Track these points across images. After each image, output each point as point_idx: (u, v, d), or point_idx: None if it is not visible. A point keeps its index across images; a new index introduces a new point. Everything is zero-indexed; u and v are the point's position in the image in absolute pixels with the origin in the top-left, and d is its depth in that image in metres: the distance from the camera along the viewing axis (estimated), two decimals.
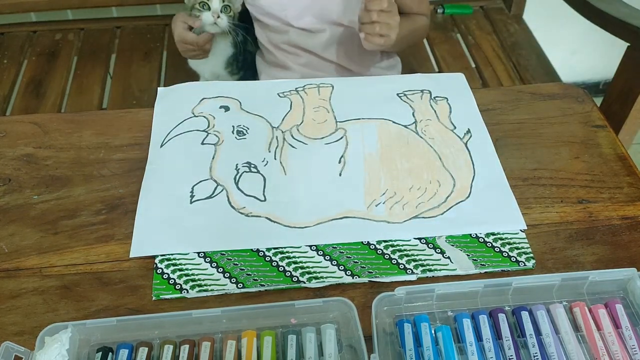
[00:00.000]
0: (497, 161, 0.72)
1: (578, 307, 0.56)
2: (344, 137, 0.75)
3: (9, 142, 0.76)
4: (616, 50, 1.14)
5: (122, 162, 0.73)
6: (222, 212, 0.67)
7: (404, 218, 0.66)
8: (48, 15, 1.46)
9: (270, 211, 0.67)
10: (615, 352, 0.53)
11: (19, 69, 1.33)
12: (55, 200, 0.69)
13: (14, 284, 0.61)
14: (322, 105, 0.79)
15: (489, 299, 0.57)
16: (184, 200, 0.68)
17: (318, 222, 0.66)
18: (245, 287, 0.60)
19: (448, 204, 0.67)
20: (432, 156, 0.73)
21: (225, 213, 0.66)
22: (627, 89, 1.10)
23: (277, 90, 0.82)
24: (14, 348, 0.51)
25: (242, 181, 0.70)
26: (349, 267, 0.62)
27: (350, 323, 0.54)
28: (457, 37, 1.43)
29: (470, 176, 0.71)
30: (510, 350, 0.53)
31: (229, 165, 0.71)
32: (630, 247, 0.64)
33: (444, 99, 0.81)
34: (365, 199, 0.68)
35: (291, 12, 0.97)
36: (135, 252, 0.63)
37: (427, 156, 0.73)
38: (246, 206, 0.67)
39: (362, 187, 0.69)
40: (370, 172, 0.71)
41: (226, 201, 0.68)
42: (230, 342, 0.54)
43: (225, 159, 0.72)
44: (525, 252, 0.63)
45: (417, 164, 0.72)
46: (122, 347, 0.53)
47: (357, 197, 0.68)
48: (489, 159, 0.73)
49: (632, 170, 0.72)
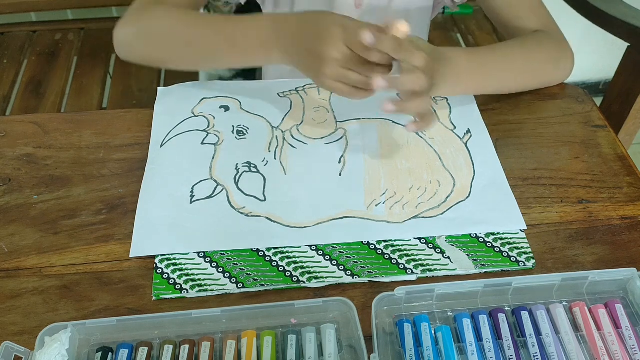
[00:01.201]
0: (497, 161, 0.72)
1: (578, 307, 0.56)
2: (344, 137, 0.75)
3: (9, 142, 0.76)
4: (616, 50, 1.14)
5: (122, 162, 0.73)
6: (222, 212, 0.67)
7: (404, 218, 0.66)
8: (48, 15, 1.46)
9: (270, 211, 0.67)
10: (615, 352, 0.53)
11: (19, 69, 1.33)
12: (55, 200, 0.69)
13: (14, 284, 0.61)
14: (322, 105, 0.79)
15: (489, 299, 0.57)
16: (184, 200, 0.68)
17: (318, 222, 0.66)
18: (245, 287, 0.60)
19: (448, 204, 0.67)
20: (432, 156, 0.73)
21: (225, 213, 0.66)
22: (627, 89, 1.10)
23: (277, 90, 0.82)
24: (14, 348, 0.51)
25: (242, 181, 0.70)
26: (349, 267, 0.62)
27: (350, 323, 0.54)
28: (457, 37, 1.43)
29: (470, 176, 0.71)
30: (510, 350, 0.53)
31: (229, 165, 0.71)
32: (630, 247, 0.64)
33: (444, 99, 0.81)
34: (365, 198, 0.68)
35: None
36: (135, 252, 0.63)
37: (427, 156, 0.73)
38: (246, 206, 0.67)
39: (362, 187, 0.69)
40: (370, 172, 0.71)
41: (226, 201, 0.68)
42: (230, 342, 0.54)
43: (225, 158, 0.72)
44: (525, 252, 0.63)
45: (417, 163, 0.72)
46: (122, 347, 0.53)
47: (357, 197, 0.68)
48: (489, 159, 0.73)
49: (632, 170, 0.72)
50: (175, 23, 0.74)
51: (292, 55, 0.69)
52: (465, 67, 0.73)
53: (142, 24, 0.76)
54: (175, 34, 0.74)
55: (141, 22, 0.77)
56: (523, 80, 0.80)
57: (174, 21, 0.74)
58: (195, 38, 0.73)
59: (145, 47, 0.77)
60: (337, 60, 0.63)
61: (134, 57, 0.78)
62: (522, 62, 0.78)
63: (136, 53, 0.78)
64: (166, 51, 0.76)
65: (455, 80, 0.72)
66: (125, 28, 0.77)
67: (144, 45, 0.77)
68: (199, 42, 0.74)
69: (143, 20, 0.77)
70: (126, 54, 0.79)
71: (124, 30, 0.77)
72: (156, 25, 0.76)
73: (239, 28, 0.71)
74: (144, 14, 0.77)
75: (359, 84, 0.65)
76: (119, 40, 0.78)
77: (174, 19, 0.75)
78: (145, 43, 0.77)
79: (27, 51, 1.38)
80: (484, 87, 0.78)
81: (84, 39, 1.41)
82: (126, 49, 0.79)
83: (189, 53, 0.75)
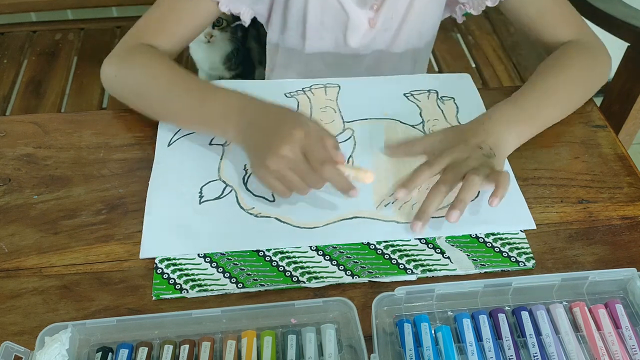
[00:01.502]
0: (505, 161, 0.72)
1: (578, 307, 0.56)
2: (352, 137, 0.75)
3: (8, 142, 0.76)
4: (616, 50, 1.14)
5: (122, 162, 0.73)
6: (231, 212, 0.66)
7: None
8: (48, 15, 1.46)
9: (280, 212, 0.66)
10: (615, 352, 0.53)
11: (19, 69, 1.33)
12: (55, 200, 0.69)
13: (14, 284, 0.61)
14: (329, 106, 0.79)
15: (488, 299, 0.57)
16: (193, 201, 0.68)
17: (327, 222, 0.65)
18: (245, 287, 0.60)
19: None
20: None
21: (234, 213, 0.66)
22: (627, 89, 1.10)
23: (283, 90, 0.82)
24: (13, 348, 0.51)
25: (250, 182, 0.70)
26: (348, 267, 0.62)
27: (350, 323, 0.54)
28: (457, 37, 1.43)
29: None
30: (510, 350, 0.53)
31: (238, 166, 0.71)
32: (630, 247, 0.64)
33: (451, 98, 0.81)
34: (374, 198, 0.68)
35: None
36: (145, 253, 0.63)
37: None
38: (255, 207, 0.67)
39: (370, 187, 0.69)
40: (378, 172, 0.70)
41: (235, 202, 0.68)
42: (230, 342, 0.54)
43: (233, 159, 0.72)
44: (525, 252, 0.63)
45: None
46: (122, 347, 0.53)
47: (366, 197, 0.68)
48: None
49: (632, 170, 0.72)
50: (151, 79, 0.74)
51: (244, 137, 0.67)
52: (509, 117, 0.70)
53: (122, 69, 0.76)
54: (149, 89, 0.74)
55: (122, 66, 0.77)
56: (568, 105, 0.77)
57: (150, 76, 0.74)
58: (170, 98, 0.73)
59: (121, 91, 0.77)
60: (285, 158, 0.62)
61: (115, 95, 0.79)
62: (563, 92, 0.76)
63: (115, 93, 0.78)
64: (137, 101, 0.76)
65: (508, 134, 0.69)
66: (109, 67, 0.77)
67: (120, 89, 0.77)
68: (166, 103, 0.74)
69: (124, 65, 0.77)
70: (108, 90, 0.80)
71: (108, 69, 0.77)
72: (134, 75, 0.76)
73: (208, 98, 0.70)
74: (127, 59, 0.77)
75: (294, 185, 0.64)
76: (103, 76, 0.78)
77: (150, 74, 0.75)
78: (121, 88, 0.77)
79: (27, 51, 1.38)
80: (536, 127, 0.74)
81: (83, 39, 1.41)
82: (107, 86, 0.79)
83: (156, 110, 0.75)
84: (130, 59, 0.77)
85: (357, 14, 0.86)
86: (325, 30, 0.88)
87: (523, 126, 0.72)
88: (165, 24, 0.80)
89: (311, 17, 0.86)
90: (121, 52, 0.78)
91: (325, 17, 0.86)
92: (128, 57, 0.77)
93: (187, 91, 0.72)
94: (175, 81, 0.73)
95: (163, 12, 0.80)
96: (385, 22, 0.88)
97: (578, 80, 0.77)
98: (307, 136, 0.63)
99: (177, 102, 0.72)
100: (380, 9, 0.86)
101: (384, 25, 0.88)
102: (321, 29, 0.88)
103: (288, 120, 0.65)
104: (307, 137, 0.63)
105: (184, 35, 0.82)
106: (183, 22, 0.81)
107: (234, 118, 0.68)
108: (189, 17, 0.81)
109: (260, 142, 0.65)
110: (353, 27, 0.87)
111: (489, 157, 0.66)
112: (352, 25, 0.87)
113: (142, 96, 0.75)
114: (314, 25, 0.87)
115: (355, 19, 0.86)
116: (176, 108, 0.73)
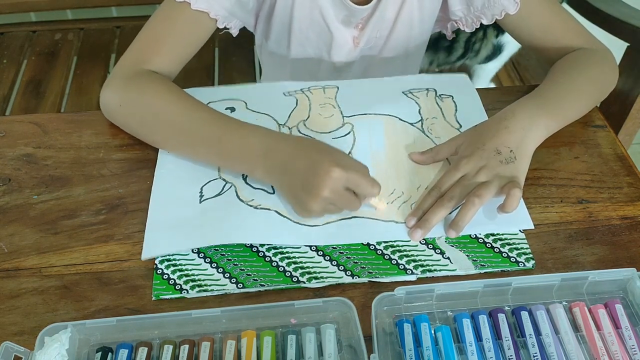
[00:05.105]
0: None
1: (578, 307, 0.56)
2: (351, 133, 0.75)
3: (8, 142, 0.76)
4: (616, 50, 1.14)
5: (122, 162, 0.73)
6: (231, 205, 0.66)
7: None
8: (48, 15, 1.46)
9: (280, 205, 0.66)
10: (615, 352, 0.53)
11: (19, 69, 1.33)
12: (55, 200, 0.69)
13: (14, 284, 0.61)
14: (328, 102, 0.80)
15: (488, 299, 0.57)
16: (194, 200, 0.67)
17: (327, 222, 0.65)
18: (245, 287, 0.60)
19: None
20: None
21: (233, 206, 0.66)
22: (627, 89, 1.10)
23: (281, 90, 0.82)
24: (13, 348, 0.52)
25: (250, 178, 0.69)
26: (348, 267, 0.62)
27: (350, 323, 0.54)
28: None
29: None
30: (510, 351, 0.53)
31: None
32: (630, 247, 0.64)
33: (450, 96, 0.81)
34: (373, 198, 0.68)
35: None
36: (147, 254, 0.63)
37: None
38: (254, 198, 0.67)
39: None
40: (377, 171, 0.70)
41: (235, 195, 0.68)
42: (230, 342, 0.54)
43: None
44: (524, 253, 0.63)
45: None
46: (122, 347, 0.53)
47: None
48: None
49: (632, 170, 0.72)
50: (166, 109, 0.70)
51: (275, 180, 0.66)
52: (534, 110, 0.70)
53: (128, 99, 0.72)
54: (159, 121, 0.71)
55: (128, 96, 0.72)
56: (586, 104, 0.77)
57: (164, 105, 0.71)
58: (185, 131, 0.69)
59: (125, 120, 0.74)
60: (328, 199, 0.61)
61: (116, 123, 0.75)
62: (584, 90, 0.76)
63: (118, 122, 0.75)
64: (144, 132, 0.73)
65: (533, 130, 0.68)
66: (112, 94, 0.73)
67: (124, 119, 0.74)
68: (187, 136, 0.70)
69: (130, 96, 0.72)
70: (109, 117, 0.76)
71: (111, 97, 0.74)
72: (142, 105, 0.72)
73: (229, 136, 0.67)
74: (131, 87, 0.72)
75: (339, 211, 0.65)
76: (104, 103, 0.75)
77: (160, 106, 0.71)
78: (126, 117, 0.73)
79: (27, 51, 1.38)
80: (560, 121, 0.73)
81: (83, 39, 1.41)
82: (109, 113, 0.75)
83: (173, 142, 0.71)
84: (134, 88, 0.72)
85: (341, 33, 0.86)
86: (310, 46, 0.89)
87: (549, 119, 0.71)
88: (164, 45, 0.76)
89: (296, 29, 0.86)
90: (123, 79, 0.73)
91: (311, 33, 0.86)
92: (132, 86, 0.72)
93: (202, 126, 0.68)
94: (188, 114, 0.70)
95: (160, 33, 0.76)
96: (369, 40, 0.88)
97: (596, 80, 0.77)
98: (346, 172, 0.61)
99: (193, 136, 0.69)
100: (365, 28, 0.86)
101: (367, 43, 0.88)
102: (306, 43, 0.88)
103: (322, 160, 0.62)
104: (346, 173, 0.61)
105: (183, 55, 0.79)
106: (183, 42, 0.78)
107: (260, 161, 0.65)
108: (188, 36, 0.78)
109: (298, 187, 0.63)
110: (337, 46, 0.88)
111: (507, 163, 0.65)
112: (336, 44, 0.87)
113: (151, 127, 0.72)
114: (298, 39, 0.88)
115: (339, 37, 0.86)
116: (191, 142, 0.70)
